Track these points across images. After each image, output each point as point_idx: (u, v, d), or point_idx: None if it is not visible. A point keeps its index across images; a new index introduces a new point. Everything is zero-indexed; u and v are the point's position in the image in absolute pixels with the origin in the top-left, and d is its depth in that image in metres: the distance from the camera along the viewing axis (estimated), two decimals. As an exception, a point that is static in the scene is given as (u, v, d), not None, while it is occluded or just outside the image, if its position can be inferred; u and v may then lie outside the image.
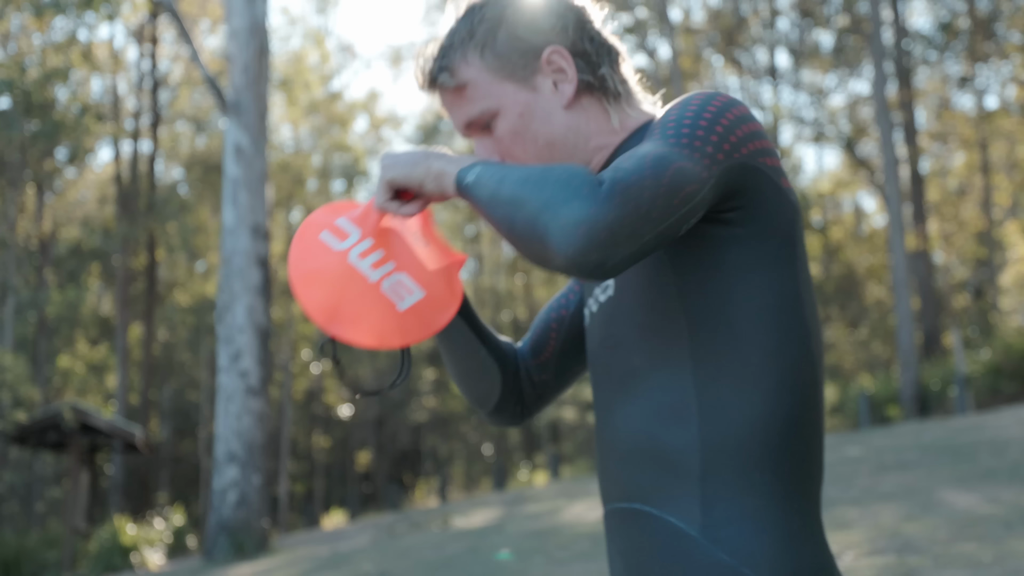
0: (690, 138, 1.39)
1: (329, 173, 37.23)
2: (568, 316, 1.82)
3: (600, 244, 1.28)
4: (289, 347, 34.40)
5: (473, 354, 1.77)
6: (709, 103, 1.45)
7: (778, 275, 1.46)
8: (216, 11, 31.72)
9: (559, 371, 1.83)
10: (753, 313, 1.45)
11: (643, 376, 1.50)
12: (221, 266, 13.85)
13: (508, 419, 1.85)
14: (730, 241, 1.45)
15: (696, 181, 1.35)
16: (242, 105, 13.67)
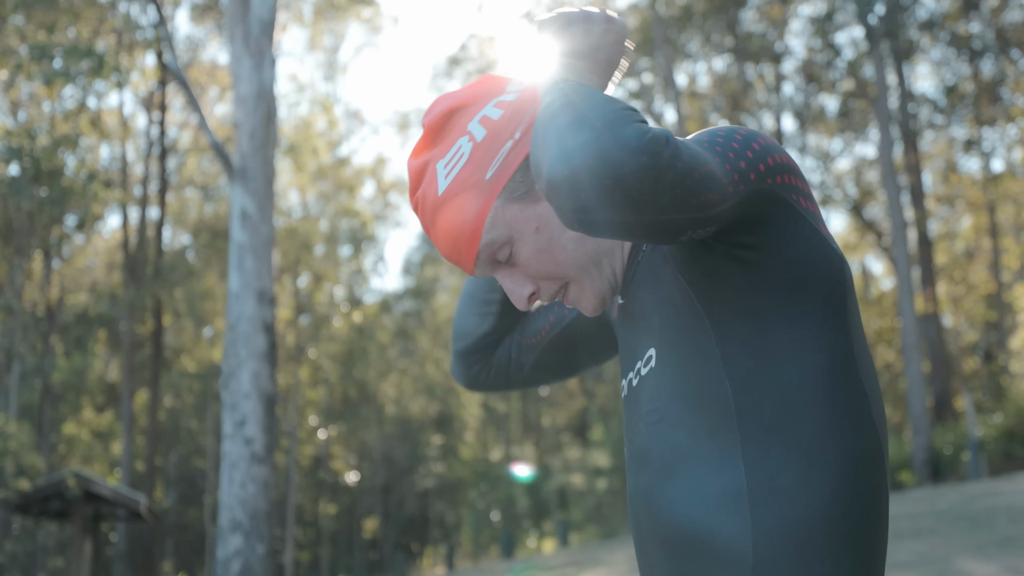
0: (724, 148, 1.28)
1: (336, 238, 37.27)
2: (570, 319, 1.75)
3: (596, 188, 1.16)
4: (295, 413, 34.22)
5: (491, 278, 1.72)
6: (738, 128, 1.35)
7: (826, 330, 1.33)
8: (224, 79, 31.96)
9: (539, 362, 1.78)
10: (802, 374, 1.31)
11: (688, 454, 1.35)
12: (227, 332, 13.77)
13: (469, 369, 1.81)
14: (762, 287, 1.32)
15: (720, 191, 1.23)
16: (249, 171, 13.67)
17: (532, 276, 1.48)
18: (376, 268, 40.40)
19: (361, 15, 36.77)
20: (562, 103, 1.25)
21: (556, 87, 1.30)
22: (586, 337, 1.76)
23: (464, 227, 1.44)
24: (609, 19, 1.41)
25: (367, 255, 39.00)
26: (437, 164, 1.47)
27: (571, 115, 1.21)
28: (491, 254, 1.46)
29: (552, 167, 1.19)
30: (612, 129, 1.17)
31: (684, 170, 1.18)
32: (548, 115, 1.25)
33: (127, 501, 20.45)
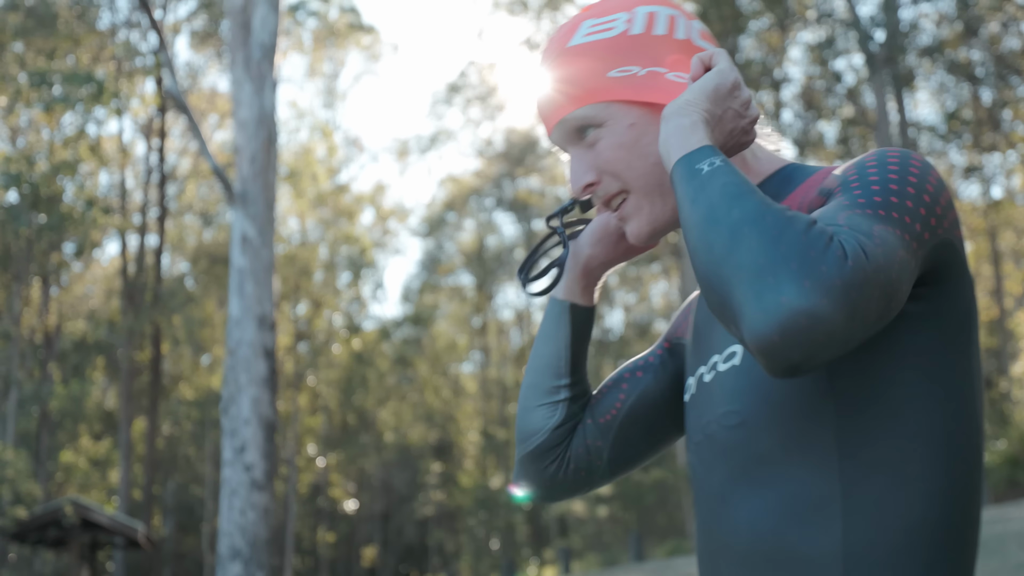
0: (901, 211, 1.16)
1: (335, 265, 37.24)
2: (646, 382, 1.56)
3: (810, 346, 1.05)
4: (294, 440, 34.08)
5: (555, 359, 1.55)
6: (909, 164, 1.22)
7: (953, 361, 1.23)
8: (223, 106, 32.00)
9: (617, 441, 1.55)
10: (920, 403, 1.21)
11: (774, 464, 1.24)
12: (227, 357, 13.67)
13: (543, 472, 1.56)
14: (908, 320, 1.21)
15: (910, 275, 1.14)
16: (249, 195, 13.60)
17: (600, 167, 1.39)
18: (375, 295, 40.34)
19: (360, 42, 36.89)
20: (732, 215, 1.13)
21: (706, 175, 1.19)
22: (667, 400, 1.57)
23: (572, 87, 1.38)
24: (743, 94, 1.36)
25: (366, 282, 38.97)
26: (585, 20, 1.41)
27: (756, 248, 1.09)
28: (579, 126, 1.39)
29: (755, 331, 1.07)
30: (812, 269, 1.06)
31: (885, 279, 1.09)
32: (719, 233, 1.14)
33: (125, 529, 20.28)
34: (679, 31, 1.40)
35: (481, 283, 44.66)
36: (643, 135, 1.35)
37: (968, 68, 27.75)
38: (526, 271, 1.59)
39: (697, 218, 1.17)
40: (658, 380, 1.57)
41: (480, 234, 44.80)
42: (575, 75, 1.38)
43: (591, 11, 1.42)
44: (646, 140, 1.35)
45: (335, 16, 35.53)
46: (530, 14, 29.04)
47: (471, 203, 44.28)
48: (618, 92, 1.36)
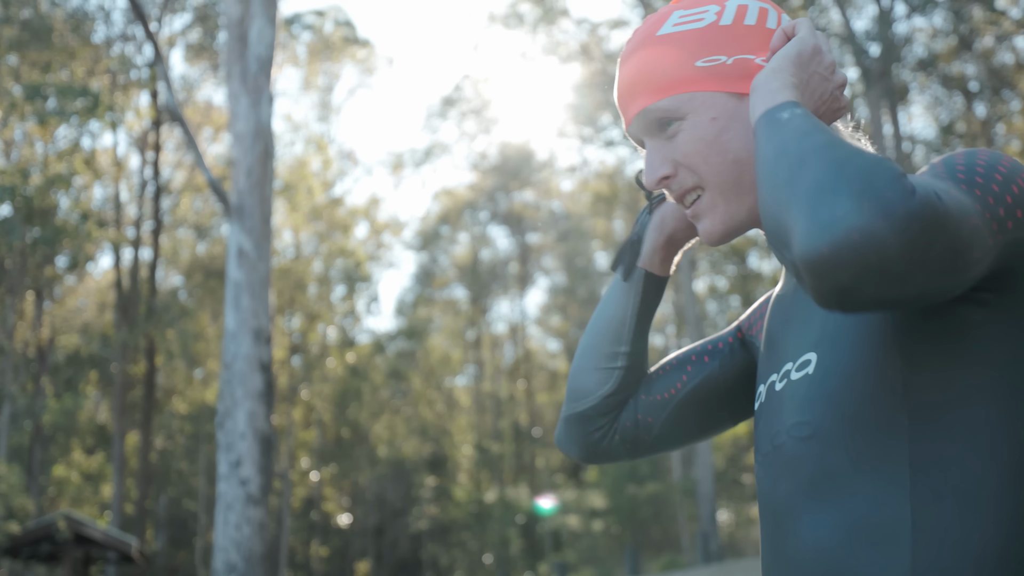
0: (984, 191, 1.12)
1: (330, 279, 37.20)
2: (711, 367, 1.53)
3: (860, 267, 1.00)
4: (288, 455, 33.97)
5: (619, 325, 1.53)
6: (1000, 159, 1.17)
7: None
8: (218, 119, 31.98)
9: (671, 420, 1.53)
10: (997, 420, 1.15)
11: (844, 479, 1.19)
12: (222, 371, 13.62)
13: (588, 436, 1.55)
14: (983, 329, 1.16)
15: (984, 247, 1.08)
16: (245, 208, 13.57)
17: (677, 161, 1.35)
18: (369, 308, 40.30)
19: (356, 56, 36.92)
20: (801, 150, 1.10)
21: (785, 120, 1.16)
22: (730, 389, 1.55)
23: (658, 77, 1.35)
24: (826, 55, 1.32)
25: (360, 295, 38.92)
26: (675, 11, 1.38)
27: (819, 169, 1.06)
28: (660, 117, 1.35)
29: (806, 244, 1.03)
30: (874, 192, 1.02)
31: (954, 231, 1.03)
32: (785, 165, 1.11)
33: (118, 544, 20.18)
34: (771, 22, 1.37)
35: (475, 296, 44.64)
36: (725, 130, 1.32)
37: (962, 82, 27.84)
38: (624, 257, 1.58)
39: (769, 153, 1.15)
40: (724, 368, 1.54)
41: (474, 247, 44.80)
42: (661, 64, 1.35)
43: (681, 2, 1.40)
44: (727, 136, 1.32)
45: (330, 30, 35.58)
46: (525, 28, 29.08)
47: (465, 216, 44.29)
48: (706, 81, 1.33)
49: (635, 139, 1.41)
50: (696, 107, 1.32)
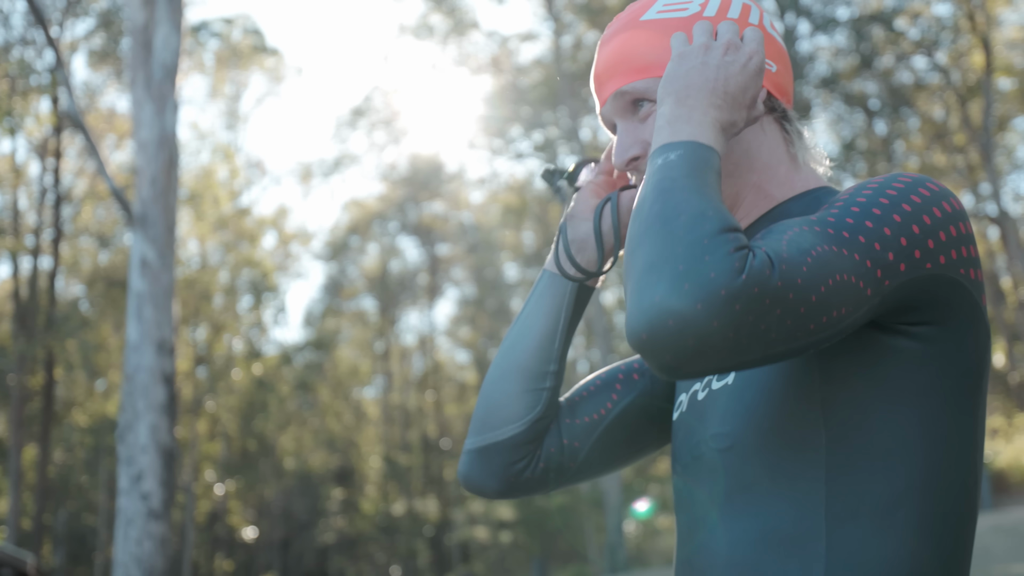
0: (869, 238, 1.10)
1: (237, 289, 36.73)
2: (642, 386, 1.50)
3: (679, 350, 1.00)
4: (192, 468, 33.44)
5: (549, 340, 1.44)
6: (913, 191, 1.16)
7: (957, 408, 1.18)
8: (122, 126, 31.39)
9: (599, 444, 1.47)
10: (914, 443, 1.16)
11: (761, 492, 1.19)
12: (124, 383, 13.36)
13: (510, 467, 1.43)
14: (905, 356, 1.17)
15: (852, 302, 1.07)
16: (149, 218, 13.35)
17: (648, 141, 1.34)
18: (277, 319, 39.85)
19: (264, 64, 36.54)
20: (647, 216, 1.09)
21: (657, 168, 1.15)
22: (661, 408, 1.50)
23: (637, 58, 1.35)
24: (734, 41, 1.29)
25: (267, 306, 38.48)
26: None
27: (653, 244, 1.06)
28: (636, 99, 1.35)
29: (629, 326, 1.04)
30: (696, 274, 1.01)
31: (797, 299, 1.03)
32: (634, 234, 1.10)
33: (13, 560, 19.66)
34: (752, 17, 1.38)
35: (384, 307, 44.42)
36: None
37: (863, 100, 28.47)
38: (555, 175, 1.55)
39: (633, 211, 1.15)
40: (654, 386, 1.51)
41: (384, 258, 44.59)
42: (641, 46, 1.35)
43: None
44: None
45: (238, 38, 35.17)
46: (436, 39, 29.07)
47: (375, 227, 44.06)
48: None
49: (607, 121, 1.41)
50: None
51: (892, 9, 25.39)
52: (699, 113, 1.22)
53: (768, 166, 1.35)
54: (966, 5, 24.49)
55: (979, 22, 24.18)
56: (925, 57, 26.40)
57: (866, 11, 25.75)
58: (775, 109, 1.37)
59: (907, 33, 26.01)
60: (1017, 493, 23.98)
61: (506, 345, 1.48)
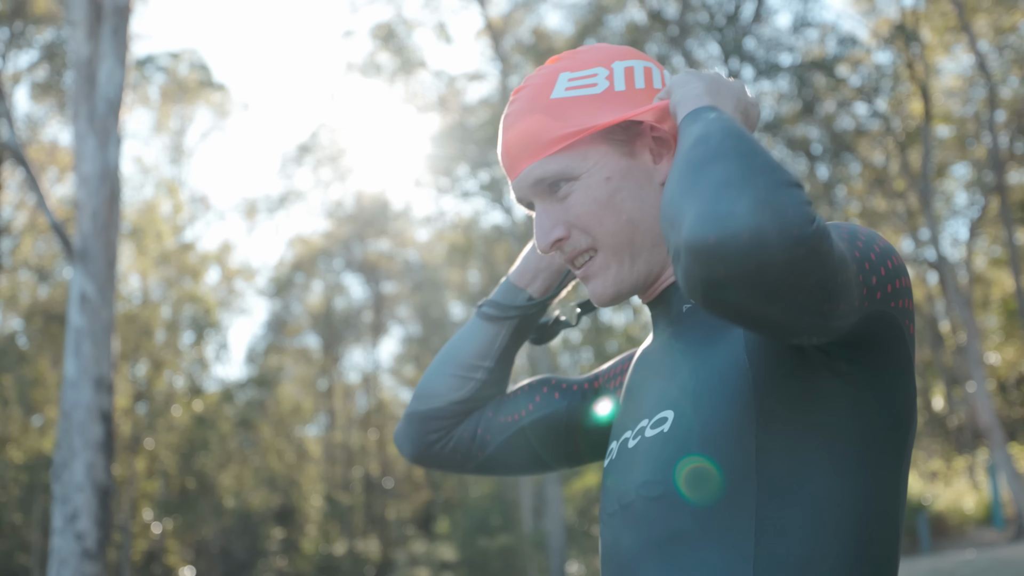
0: (864, 254, 1.13)
1: (178, 325, 36.34)
2: (559, 405, 1.54)
3: (739, 267, 0.98)
4: (129, 506, 32.92)
5: (489, 342, 1.54)
6: (878, 237, 1.19)
7: (886, 459, 1.19)
8: (64, 160, 31.07)
9: (507, 444, 1.54)
10: (846, 494, 1.16)
11: (690, 542, 1.18)
12: (61, 420, 13.16)
13: (424, 436, 1.56)
14: (838, 400, 1.17)
15: (850, 304, 1.08)
16: (90, 253, 13.20)
17: (571, 222, 1.33)
18: (219, 356, 39.44)
19: (210, 99, 36.38)
20: (721, 145, 1.07)
21: (713, 119, 1.14)
22: (570, 433, 1.54)
23: (548, 138, 1.33)
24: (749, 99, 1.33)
25: (209, 343, 38.09)
26: (563, 72, 1.36)
27: (732, 166, 1.04)
28: (552, 178, 1.33)
29: (697, 229, 1.00)
30: (777, 204, 0.99)
31: (831, 272, 1.02)
32: (702, 153, 1.07)
33: (-57, 601, 19.22)
34: (656, 82, 1.38)
35: (328, 345, 44.16)
36: (618, 190, 1.31)
37: (805, 144, 28.86)
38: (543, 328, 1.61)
39: (689, 140, 1.12)
40: (571, 410, 1.54)
41: (328, 295, 44.38)
42: (557, 124, 1.33)
43: (564, 63, 1.39)
44: (621, 196, 1.31)
45: (185, 72, 35.00)
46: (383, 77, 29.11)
47: (320, 264, 43.87)
48: (598, 143, 1.33)
49: (523, 202, 1.40)
50: (589, 168, 1.32)
51: (834, 56, 25.81)
52: (730, 107, 1.25)
53: None
54: (906, 54, 24.97)
55: (918, 70, 24.65)
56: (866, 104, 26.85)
57: (808, 58, 26.17)
58: None
59: (848, 80, 26.44)
60: (955, 536, 24.20)
61: (455, 337, 1.60)
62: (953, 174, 32.16)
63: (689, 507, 1.20)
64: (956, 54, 28.29)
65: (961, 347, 29.20)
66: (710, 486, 1.19)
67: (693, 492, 1.20)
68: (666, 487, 1.22)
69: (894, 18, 26.45)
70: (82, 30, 13.52)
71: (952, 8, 24.09)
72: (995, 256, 33.04)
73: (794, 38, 26.52)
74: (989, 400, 21.42)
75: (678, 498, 1.21)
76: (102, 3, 13.45)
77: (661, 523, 1.22)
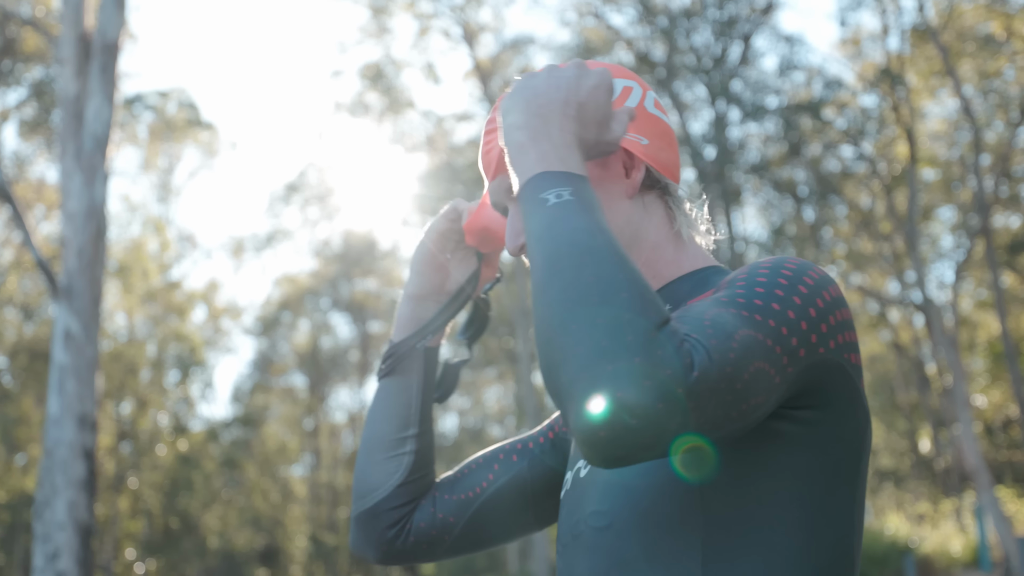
0: (777, 321, 1.09)
1: (164, 363, 36.18)
2: (519, 467, 1.51)
3: (635, 446, 0.98)
4: (112, 545, 32.61)
5: (404, 408, 1.51)
6: (804, 275, 1.16)
7: (835, 493, 1.18)
8: (51, 197, 31.03)
9: (474, 521, 1.49)
10: (794, 529, 1.15)
11: (636, 572, 1.18)
12: (43, 458, 13.06)
13: (381, 534, 1.50)
14: (789, 441, 1.16)
15: (767, 389, 1.06)
16: (75, 290, 13.15)
17: None
18: (204, 395, 39.26)
19: (198, 138, 36.43)
20: (578, 280, 1.03)
21: (552, 208, 1.10)
22: (537, 492, 1.51)
23: None
24: (582, 69, 1.26)
25: (195, 381, 37.92)
26: None
27: (594, 331, 0.99)
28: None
29: (583, 420, 0.98)
30: (653, 368, 0.97)
31: (727, 388, 1.01)
32: (558, 291, 1.03)
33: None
34: (632, 100, 1.38)
35: (314, 384, 44.00)
36: None
37: (792, 186, 28.99)
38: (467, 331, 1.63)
39: (540, 256, 1.09)
40: (532, 468, 1.52)
41: (314, 335, 44.27)
42: None
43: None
44: None
45: (173, 111, 35.07)
46: (371, 117, 29.22)
47: (306, 303, 43.79)
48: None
49: (498, 206, 1.40)
50: None
51: (820, 99, 26.00)
52: (557, 129, 1.19)
53: (656, 245, 1.35)
54: (891, 97, 25.15)
55: (903, 114, 24.82)
56: (852, 146, 27.01)
57: (795, 100, 26.35)
58: (657, 184, 1.37)
59: (835, 123, 26.61)
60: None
61: (368, 418, 1.55)
62: (939, 217, 32.34)
63: (635, 537, 1.19)
64: (941, 98, 28.51)
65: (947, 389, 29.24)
66: (654, 517, 1.18)
67: (639, 523, 1.19)
68: (613, 517, 1.22)
69: (880, 62, 26.66)
70: (70, 67, 13.55)
71: (937, 53, 24.30)
72: (981, 299, 33.16)
73: (780, 81, 26.72)
74: (975, 442, 21.39)
75: (624, 528, 1.20)
76: (90, 41, 13.49)
77: (609, 553, 1.21)
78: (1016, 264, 29.39)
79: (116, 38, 13.37)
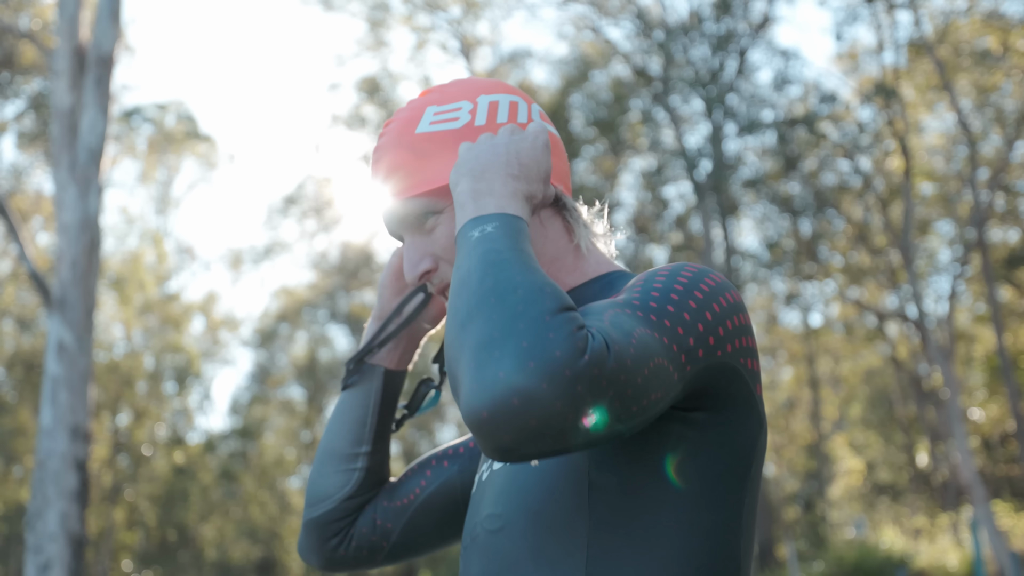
0: (674, 321, 1.11)
1: (161, 375, 36.16)
2: (450, 472, 1.54)
3: (520, 430, 0.99)
4: (108, 557, 32.55)
5: (359, 425, 1.52)
6: (701, 280, 1.18)
7: (722, 495, 1.19)
8: (48, 209, 31.08)
9: (409, 527, 1.52)
10: (681, 530, 1.17)
11: (522, 574, 1.19)
12: (35, 469, 13.07)
13: (325, 543, 1.52)
14: (680, 444, 1.17)
15: (665, 387, 1.08)
16: (68, 301, 13.17)
17: (437, 254, 1.36)
18: (202, 406, 39.24)
19: (196, 150, 36.47)
20: (479, 289, 1.07)
21: (474, 244, 1.13)
22: (468, 495, 1.53)
23: (418, 172, 1.35)
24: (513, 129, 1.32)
25: (192, 393, 37.90)
26: (430, 106, 1.39)
27: (490, 318, 1.03)
28: (420, 212, 1.35)
29: (468, 405, 1.00)
30: (541, 353, 0.99)
31: (626, 382, 1.02)
32: (463, 306, 1.07)
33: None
34: (521, 116, 1.40)
35: (312, 396, 43.97)
36: None
37: (788, 200, 29.01)
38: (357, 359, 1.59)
39: (454, 283, 1.12)
40: (462, 473, 1.55)
41: (312, 347, 44.25)
42: (420, 161, 1.36)
43: (433, 96, 1.41)
44: None
45: (172, 123, 35.13)
46: (368, 129, 29.26)
47: (304, 315, 43.78)
48: None
49: (395, 235, 1.42)
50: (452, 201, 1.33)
51: (816, 113, 26.04)
52: (499, 184, 1.23)
53: (555, 259, 1.37)
54: (887, 111, 25.19)
55: (899, 128, 24.86)
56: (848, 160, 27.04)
57: (791, 114, 26.39)
58: (550, 198, 1.38)
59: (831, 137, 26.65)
60: (938, 593, 24.07)
61: (326, 427, 1.57)
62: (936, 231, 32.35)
63: (524, 540, 1.20)
64: (939, 112, 28.55)
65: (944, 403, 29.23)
66: (543, 519, 1.20)
67: (528, 525, 1.21)
68: (505, 520, 1.24)
69: (876, 76, 26.70)
70: (65, 80, 13.59)
71: (934, 67, 24.35)
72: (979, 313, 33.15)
73: (776, 95, 26.77)
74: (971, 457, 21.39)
75: (515, 531, 1.22)
76: (85, 54, 13.53)
77: (500, 555, 1.23)
78: (1013, 278, 29.41)
79: (111, 51, 13.40)
